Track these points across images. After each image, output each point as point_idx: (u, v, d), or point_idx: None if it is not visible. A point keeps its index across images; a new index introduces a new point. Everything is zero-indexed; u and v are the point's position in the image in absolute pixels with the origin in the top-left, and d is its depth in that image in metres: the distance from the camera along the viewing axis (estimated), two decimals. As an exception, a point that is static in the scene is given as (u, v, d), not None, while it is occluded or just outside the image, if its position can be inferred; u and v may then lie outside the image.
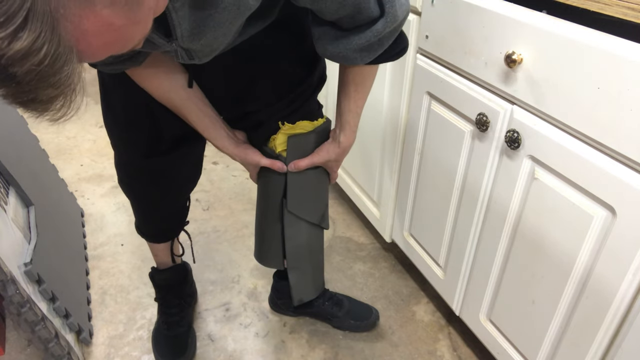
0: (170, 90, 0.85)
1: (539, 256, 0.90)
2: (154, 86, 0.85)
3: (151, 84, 0.84)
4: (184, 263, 1.32)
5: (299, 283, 1.19)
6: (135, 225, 1.18)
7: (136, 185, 1.06)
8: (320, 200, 1.10)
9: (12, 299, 0.96)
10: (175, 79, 0.85)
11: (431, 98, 1.10)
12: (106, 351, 1.24)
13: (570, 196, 0.80)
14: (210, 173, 1.98)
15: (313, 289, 1.22)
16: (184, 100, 0.87)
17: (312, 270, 1.19)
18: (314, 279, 1.20)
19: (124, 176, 1.05)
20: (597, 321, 0.80)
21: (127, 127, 0.96)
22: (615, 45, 0.68)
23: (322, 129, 1.00)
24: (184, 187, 1.12)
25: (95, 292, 1.41)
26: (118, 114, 0.95)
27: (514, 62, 0.82)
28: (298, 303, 1.21)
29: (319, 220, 1.11)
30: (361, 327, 1.30)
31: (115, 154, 1.04)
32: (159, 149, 0.98)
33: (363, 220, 1.71)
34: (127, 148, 1.00)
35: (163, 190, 1.07)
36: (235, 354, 1.24)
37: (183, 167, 1.06)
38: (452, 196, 1.11)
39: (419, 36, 1.08)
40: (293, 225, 1.09)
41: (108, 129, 1.00)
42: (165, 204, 1.12)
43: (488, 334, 1.09)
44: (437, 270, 1.25)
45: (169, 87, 0.85)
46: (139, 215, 1.15)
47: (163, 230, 1.18)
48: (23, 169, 1.31)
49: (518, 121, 0.87)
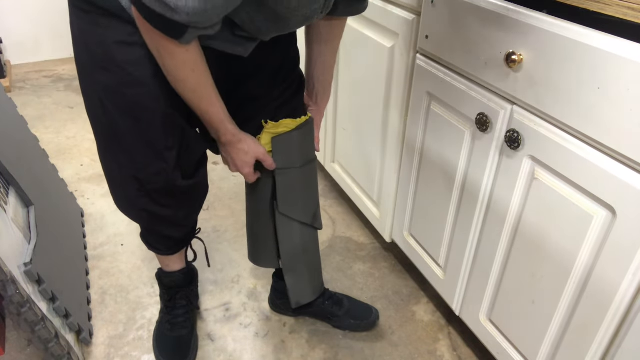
0: (207, 71, 0.81)
1: (539, 256, 0.90)
2: (203, 68, 0.79)
3: (202, 64, 0.78)
4: (192, 265, 1.32)
5: (296, 286, 1.19)
6: (145, 242, 1.15)
7: (163, 210, 0.99)
8: (311, 200, 1.09)
9: (12, 299, 0.96)
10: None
11: (431, 98, 1.10)
12: (106, 351, 1.24)
13: (570, 196, 0.80)
14: (210, 173, 1.98)
15: (311, 291, 1.21)
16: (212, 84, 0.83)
17: (308, 272, 1.18)
18: (311, 280, 1.20)
19: (147, 205, 0.97)
20: (597, 321, 0.80)
21: (164, 148, 0.89)
22: (615, 45, 0.68)
23: (305, 126, 1.00)
24: (203, 202, 1.10)
25: (95, 292, 1.41)
26: (149, 129, 0.87)
27: (514, 62, 0.82)
28: (296, 306, 1.21)
29: (311, 220, 1.10)
30: (361, 326, 1.29)
31: (128, 189, 0.95)
32: (191, 168, 0.96)
33: (363, 220, 1.71)
34: (160, 171, 0.91)
35: (189, 209, 1.05)
36: (235, 354, 1.24)
37: (205, 183, 1.05)
38: (452, 196, 1.11)
39: (419, 36, 1.08)
40: (286, 227, 1.09)
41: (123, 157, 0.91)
42: (188, 222, 1.10)
43: (488, 334, 1.09)
44: (437, 270, 1.25)
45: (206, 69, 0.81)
46: (154, 236, 1.12)
47: (177, 243, 1.15)
48: (23, 169, 1.31)
49: (518, 121, 0.87)
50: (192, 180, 0.97)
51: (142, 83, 0.82)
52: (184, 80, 0.78)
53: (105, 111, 0.87)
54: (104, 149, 0.94)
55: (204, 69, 0.78)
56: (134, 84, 0.82)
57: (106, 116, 0.87)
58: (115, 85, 0.83)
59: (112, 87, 0.83)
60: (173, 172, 0.92)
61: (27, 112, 2.41)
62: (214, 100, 0.83)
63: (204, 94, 0.81)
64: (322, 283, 1.26)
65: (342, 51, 1.43)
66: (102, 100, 0.86)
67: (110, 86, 0.83)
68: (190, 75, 0.77)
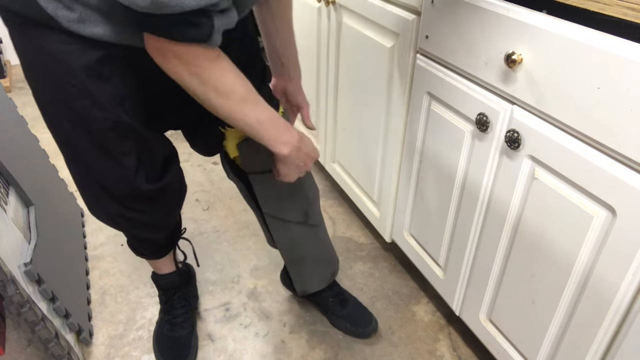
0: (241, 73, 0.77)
1: (539, 256, 0.90)
2: (238, 69, 0.75)
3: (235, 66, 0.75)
4: (187, 265, 1.32)
5: (300, 277, 1.19)
6: (130, 247, 1.15)
7: (137, 215, 0.98)
8: (298, 199, 1.07)
9: (12, 299, 0.96)
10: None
11: (431, 98, 1.10)
12: (106, 351, 1.24)
13: (570, 196, 0.80)
14: (210, 173, 1.98)
15: (316, 282, 1.21)
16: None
17: (310, 265, 1.17)
18: (315, 272, 1.20)
19: (120, 211, 0.96)
20: (597, 321, 0.80)
21: (121, 154, 0.87)
22: (615, 45, 0.68)
23: None
24: (179, 204, 1.08)
25: (95, 292, 1.41)
26: (103, 138, 0.84)
27: (514, 62, 0.82)
28: (302, 294, 1.21)
29: (303, 218, 1.08)
30: (355, 333, 1.28)
31: (99, 197, 0.93)
32: (156, 171, 0.93)
33: (363, 220, 1.71)
34: (122, 178, 0.90)
35: (165, 212, 1.03)
36: (235, 354, 1.24)
37: (176, 184, 1.02)
38: (452, 196, 1.11)
39: (419, 36, 1.08)
40: (276, 226, 1.08)
41: (84, 167, 0.89)
42: (167, 223, 1.07)
43: (488, 334, 1.09)
44: (437, 270, 1.25)
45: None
46: (138, 241, 1.11)
47: (162, 246, 1.15)
48: (23, 169, 1.31)
49: (518, 121, 0.87)
50: (159, 184, 0.94)
51: (86, 94, 0.78)
52: (231, 90, 0.73)
53: (60, 125, 0.84)
54: (68, 161, 0.91)
55: (239, 71, 0.74)
56: (78, 96, 0.79)
57: (62, 129, 0.85)
58: (61, 99, 0.80)
59: (59, 101, 0.80)
60: (136, 178, 0.89)
61: (27, 112, 2.41)
62: (264, 103, 0.78)
63: (254, 98, 0.76)
64: (331, 274, 1.24)
65: (342, 51, 1.43)
66: (54, 114, 0.83)
67: (56, 100, 0.80)
68: (236, 81, 0.73)
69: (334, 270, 1.25)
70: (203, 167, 2.02)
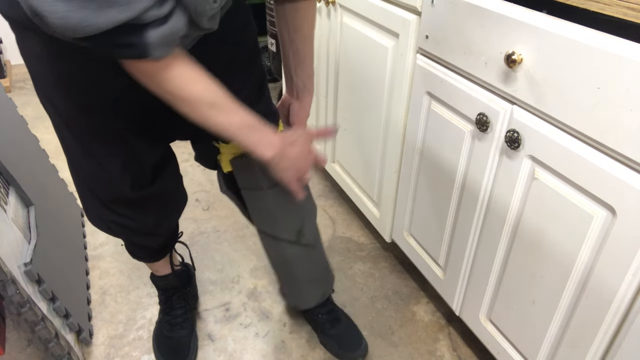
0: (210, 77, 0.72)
1: (539, 256, 0.90)
2: (206, 75, 0.70)
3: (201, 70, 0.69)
4: (186, 266, 1.32)
5: (290, 292, 1.18)
6: (129, 251, 1.15)
7: (126, 221, 0.96)
8: (291, 218, 1.04)
9: (12, 299, 0.96)
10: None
11: (431, 98, 1.10)
12: (106, 351, 1.24)
13: (570, 196, 0.80)
14: (210, 173, 1.98)
15: (306, 300, 1.19)
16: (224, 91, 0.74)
17: (301, 283, 1.15)
18: (305, 290, 1.17)
19: (110, 216, 0.95)
20: (597, 321, 0.80)
21: (103, 156, 0.86)
22: (615, 45, 0.68)
23: None
24: (175, 211, 1.07)
25: (95, 292, 1.41)
26: (85, 140, 0.85)
27: (514, 62, 0.82)
28: (294, 308, 1.20)
29: (295, 237, 1.05)
30: (341, 356, 1.22)
31: (91, 201, 0.93)
32: (145, 178, 0.92)
33: (363, 220, 1.71)
34: (106, 181, 0.89)
35: (157, 219, 1.01)
36: (235, 354, 1.24)
37: (168, 193, 1.00)
38: (452, 196, 1.11)
39: (419, 36, 1.08)
40: (267, 242, 1.07)
41: (75, 168, 0.90)
42: (160, 231, 1.06)
43: (488, 334, 1.09)
44: (437, 270, 1.25)
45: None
46: (133, 246, 1.11)
47: (158, 251, 1.14)
48: (23, 169, 1.31)
49: (518, 121, 0.87)
50: (145, 191, 0.92)
51: (66, 95, 0.78)
52: (197, 97, 0.68)
53: (55, 124, 0.85)
54: (67, 162, 0.91)
55: (204, 76, 0.69)
56: (59, 97, 0.79)
57: (57, 128, 0.86)
58: (48, 98, 0.81)
59: (47, 100, 0.81)
60: (120, 183, 0.88)
61: (27, 112, 2.41)
62: (235, 105, 0.73)
63: (224, 103, 0.71)
64: (322, 294, 1.21)
65: (342, 51, 1.43)
66: (49, 113, 0.84)
67: (46, 98, 0.81)
68: (199, 88, 0.68)
69: (325, 291, 1.21)
70: (203, 167, 2.02)
